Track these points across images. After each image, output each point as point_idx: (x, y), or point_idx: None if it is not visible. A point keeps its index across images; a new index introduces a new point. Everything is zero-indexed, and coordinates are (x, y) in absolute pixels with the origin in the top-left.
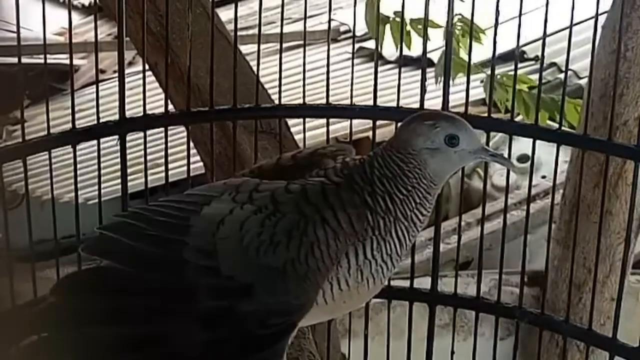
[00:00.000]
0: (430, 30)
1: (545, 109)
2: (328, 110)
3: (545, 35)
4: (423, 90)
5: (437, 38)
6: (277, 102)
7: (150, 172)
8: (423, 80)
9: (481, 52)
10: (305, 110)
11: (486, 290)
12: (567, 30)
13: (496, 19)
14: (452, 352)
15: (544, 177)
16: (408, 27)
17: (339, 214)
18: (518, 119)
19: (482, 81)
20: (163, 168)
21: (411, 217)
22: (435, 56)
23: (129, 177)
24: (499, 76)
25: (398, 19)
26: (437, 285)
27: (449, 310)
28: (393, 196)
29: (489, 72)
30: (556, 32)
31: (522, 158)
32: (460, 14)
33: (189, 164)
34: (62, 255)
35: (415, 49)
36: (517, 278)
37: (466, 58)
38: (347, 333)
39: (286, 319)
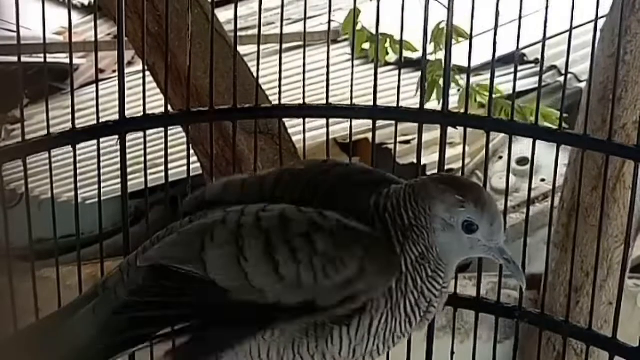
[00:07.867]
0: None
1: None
2: (328, 111)
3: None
4: (423, 91)
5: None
6: (276, 102)
7: (150, 171)
8: (423, 81)
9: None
10: (305, 111)
11: (484, 293)
12: (567, 33)
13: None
14: (452, 353)
15: (543, 180)
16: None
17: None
18: None
19: (459, 90)
20: (163, 168)
21: (421, 289)
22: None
23: (128, 177)
24: (474, 85)
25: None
26: None
27: (446, 311)
28: (405, 254)
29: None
30: (556, 35)
31: (522, 161)
32: (442, 21)
33: (188, 164)
34: (62, 254)
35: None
36: (514, 281)
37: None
38: None
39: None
